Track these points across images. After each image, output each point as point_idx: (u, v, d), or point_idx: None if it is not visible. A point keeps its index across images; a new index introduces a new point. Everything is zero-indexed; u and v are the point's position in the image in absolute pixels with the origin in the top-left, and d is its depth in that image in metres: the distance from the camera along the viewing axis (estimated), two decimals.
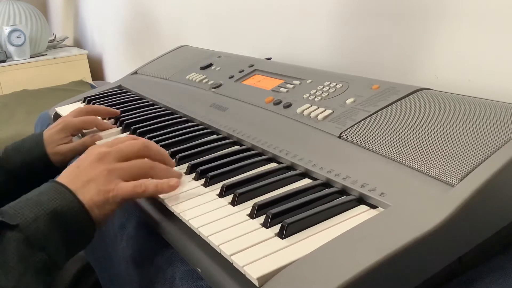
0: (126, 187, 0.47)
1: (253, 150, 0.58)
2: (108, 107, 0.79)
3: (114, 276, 0.60)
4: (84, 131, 0.75)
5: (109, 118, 0.79)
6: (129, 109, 0.83)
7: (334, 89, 0.62)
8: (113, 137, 0.71)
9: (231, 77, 0.79)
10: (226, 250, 0.38)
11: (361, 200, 0.44)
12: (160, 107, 0.82)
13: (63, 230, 0.43)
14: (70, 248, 0.44)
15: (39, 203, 0.43)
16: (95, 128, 0.75)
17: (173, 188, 0.49)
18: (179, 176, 0.52)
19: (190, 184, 0.51)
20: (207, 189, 0.50)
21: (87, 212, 0.44)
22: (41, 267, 0.40)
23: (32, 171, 0.69)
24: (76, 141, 0.72)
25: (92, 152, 0.49)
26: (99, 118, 0.75)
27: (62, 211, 0.43)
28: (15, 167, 0.68)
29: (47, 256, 0.41)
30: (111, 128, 0.75)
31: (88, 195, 0.45)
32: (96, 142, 0.70)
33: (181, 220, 0.46)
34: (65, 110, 0.90)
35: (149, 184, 0.48)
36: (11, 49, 2.27)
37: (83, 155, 0.50)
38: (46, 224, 0.41)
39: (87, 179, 0.46)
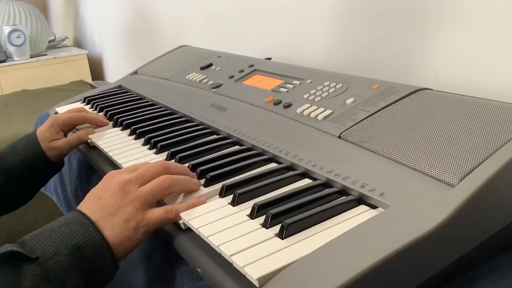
0: (157, 214, 0.45)
1: (253, 150, 0.58)
2: (99, 115, 0.79)
3: (114, 276, 0.60)
4: (78, 128, 0.76)
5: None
6: (129, 109, 0.83)
7: (334, 89, 0.62)
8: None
9: (231, 77, 0.79)
10: (226, 250, 0.38)
11: (361, 200, 0.43)
12: (160, 107, 0.82)
13: (83, 267, 0.40)
14: (89, 285, 0.41)
15: (61, 235, 0.40)
16: (87, 124, 0.77)
17: (202, 203, 0.47)
18: (198, 184, 0.50)
19: None
20: (207, 189, 0.50)
21: (110, 249, 0.42)
22: None
23: (31, 168, 0.69)
24: (71, 135, 0.73)
25: (111, 182, 0.46)
26: (86, 115, 0.76)
27: (84, 247, 0.41)
28: (13, 166, 0.68)
29: None
30: (102, 123, 0.76)
31: (117, 229, 0.43)
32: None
33: (182, 221, 0.46)
34: (65, 110, 0.90)
35: (178, 208, 0.46)
36: (11, 49, 2.27)
37: (101, 184, 0.47)
38: (67, 259, 0.39)
39: (112, 212, 0.44)
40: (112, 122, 0.78)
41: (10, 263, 0.37)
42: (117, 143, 0.68)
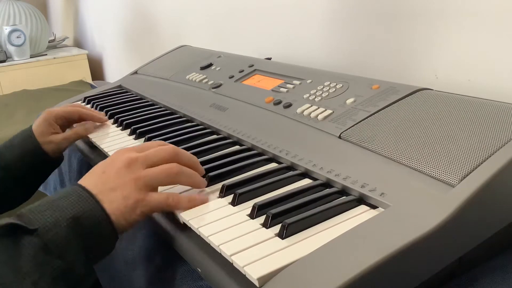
0: (158, 198, 0.45)
1: (253, 150, 0.58)
2: (95, 111, 0.78)
3: (114, 276, 0.60)
4: (74, 125, 0.76)
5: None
6: (129, 109, 0.83)
7: (334, 89, 0.62)
8: (108, 134, 0.72)
9: (231, 77, 0.79)
10: (226, 250, 0.38)
11: (361, 200, 0.43)
12: (160, 107, 0.82)
13: (83, 238, 0.40)
14: (89, 256, 0.41)
15: (60, 207, 0.41)
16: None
17: (204, 202, 0.47)
18: (204, 183, 0.49)
19: None
20: (207, 189, 0.50)
21: (109, 220, 0.42)
22: (58, 275, 0.38)
23: (28, 164, 0.69)
24: (69, 130, 0.73)
25: (119, 158, 0.46)
26: (81, 109, 0.75)
27: (83, 217, 0.41)
28: (10, 163, 0.68)
29: (64, 264, 0.39)
30: (99, 119, 0.76)
31: (114, 204, 0.43)
32: (92, 139, 0.70)
33: (181, 221, 0.46)
34: None
35: (182, 197, 0.46)
36: (11, 49, 2.27)
37: (109, 159, 0.47)
38: (66, 230, 0.39)
39: (114, 187, 0.44)
40: (112, 122, 0.78)
41: (10, 235, 0.38)
42: (117, 143, 0.68)
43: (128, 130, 0.72)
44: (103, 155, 0.68)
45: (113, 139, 0.70)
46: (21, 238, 0.38)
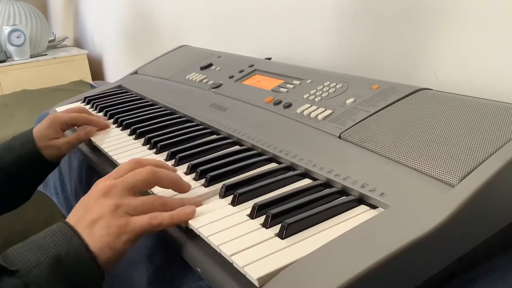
0: (139, 221, 0.42)
1: (253, 150, 0.58)
2: (100, 117, 0.77)
3: (114, 276, 0.60)
4: (76, 127, 0.76)
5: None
6: (129, 109, 0.83)
7: (334, 89, 0.62)
8: (108, 134, 0.72)
9: (231, 77, 0.79)
10: (226, 250, 0.38)
11: (361, 200, 0.44)
12: (160, 107, 0.82)
13: (66, 278, 0.39)
14: None
15: (43, 247, 0.39)
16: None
17: (189, 217, 0.44)
18: (196, 203, 0.47)
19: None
20: (207, 189, 0.50)
21: (93, 258, 0.40)
22: None
23: (25, 167, 0.68)
24: (71, 135, 0.72)
25: (96, 188, 0.45)
26: (87, 116, 0.74)
27: (66, 257, 0.39)
28: (8, 165, 0.67)
29: None
30: (104, 126, 0.75)
31: (97, 236, 0.41)
32: (93, 140, 0.70)
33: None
34: (65, 109, 0.90)
35: (164, 215, 0.43)
36: (11, 49, 2.27)
37: (89, 191, 0.46)
38: (48, 270, 0.38)
39: (94, 218, 0.42)
40: (112, 122, 0.78)
41: None
42: (117, 143, 0.68)
43: (128, 130, 0.72)
44: (103, 155, 0.68)
45: (113, 139, 0.70)
46: (2, 279, 0.37)
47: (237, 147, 0.60)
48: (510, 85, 0.64)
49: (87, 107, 0.91)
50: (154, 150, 0.63)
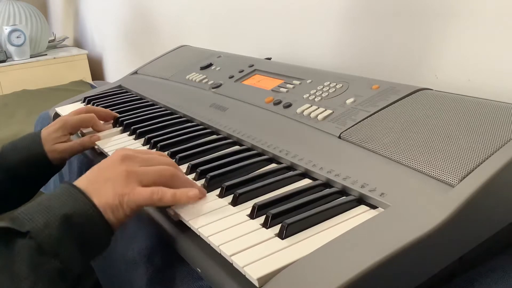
0: (142, 192, 0.44)
1: (253, 150, 0.58)
2: (107, 110, 0.78)
3: (114, 276, 0.60)
4: (83, 131, 0.75)
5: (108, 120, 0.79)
6: (129, 109, 0.83)
7: (334, 89, 0.62)
8: (112, 137, 0.72)
9: (231, 77, 0.79)
10: (226, 250, 0.38)
11: (361, 200, 0.44)
12: (160, 107, 0.82)
13: (76, 235, 0.40)
14: (85, 253, 0.41)
15: (50, 207, 0.40)
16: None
17: (191, 199, 0.46)
18: (202, 191, 0.48)
19: None
20: (207, 189, 0.50)
21: (101, 215, 0.42)
22: (56, 275, 0.38)
23: (30, 168, 0.68)
24: (75, 140, 0.71)
25: (117, 153, 0.47)
26: (96, 118, 0.74)
27: (74, 215, 0.40)
28: (13, 165, 0.67)
29: (60, 263, 0.38)
30: (108, 129, 0.75)
31: (104, 197, 0.42)
32: (96, 143, 0.70)
33: (181, 221, 0.46)
34: (65, 110, 0.90)
35: (166, 191, 0.45)
36: (11, 49, 2.27)
37: (108, 157, 0.48)
38: (58, 229, 0.39)
39: (105, 178, 0.44)
40: (112, 122, 0.78)
41: (3, 239, 0.38)
42: (117, 143, 0.68)
43: (128, 130, 0.72)
44: (103, 155, 0.68)
45: (114, 139, 0.70)
46: (14, 241, 0.38)
47: (237, 147, 0.60)
48: (510, 85, 0.64)
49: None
50: (154, 150, 0.63)
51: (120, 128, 0.75)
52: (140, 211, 0.46)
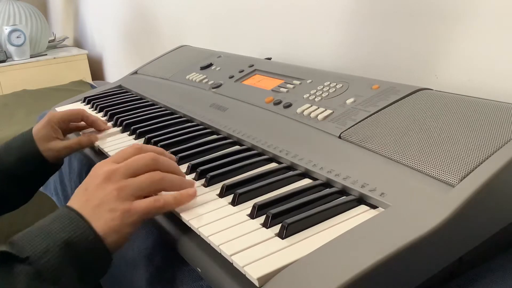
0: (143, 203, 0.43)
1: (253, 150, 0.58)
2: (99, 118, 0.76)
3: (114, 276, 0.60)
4: (81, 132, 0.75)
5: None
6: (129, 109, 0.83)
7: (334, 89, 0.62)
8: (112, 137, 0.72)
9: (231, 77, 0.79)
10: (226, 250, 0.38)
11: (361, 200, 0.44)
12: (160, 107, 0.82)
13: (76, 262, 0.39)
14: (85, 280, 0.40)
15: (51, 232, 0.39)
16: (92, 129, 0.75)
17: (192, 197, 0.46)
18: (191, 184, 0.49)
19: None
20: (207, 189, 0.50)
21: (101, 241, 0.41)
22: None
23: (25, 168, 0.67)
24: (72, 139, 0.70)
25: (97, 173, 0.45)
26: (86, 111, 0.73)
27: (74, 241, 0.39)
28: (8, 166, 0.66)
29: None
30: (103, 127, 0.74)
31: (102, 220, 0.41)
32: (96, 142, 0.70)
33: (181, 221, 0.46)
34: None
35: (167, 196, 0.45)
36: (11, 49, 2.27)
37: (89, 175, 0.46)
38: (58, 255, 0.38)
39: (98, 203, 0.42)
40: (112, 122, 0.78)
41: (2, 264, 0.37)
42: (117, 143, 0.68)
43: (128, 130, 0.72)
44: (103, 155, 0.68)
45: (114, 139, 0.70)
46: (14, 267, 0.37)
47: (237, 147, 0.60)
48: (510, 85, 0.64)
49: (87, 107, 0.91)
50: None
51: (120, 128, 0.75)
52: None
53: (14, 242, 0.39)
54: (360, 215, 0.41)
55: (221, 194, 0.48)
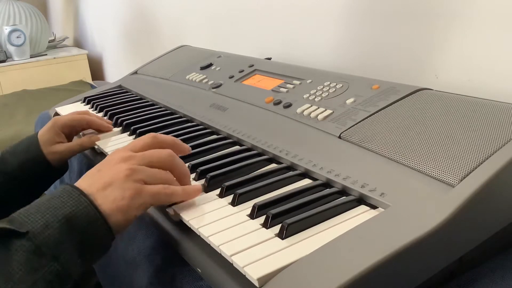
0: (154, 187, 0.44)
1: (253, 150, 0.58)
2: (103, 119, 0.76)
3: (114, 276, 0.60)
4: (81, 133, 0.75)
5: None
6: (129, 109, 0.83)
7: (334, 89, 0.62)
8: (112, 137, 0.72)
9: (231, 77, 0.79)
10: (226, 250, 0.38)
11: (361, 200, 0.44)
12: (160, 107, 0.82)
13: (77, 238, 0.39)
14: (85, 257, 0.40)
15: (51, 208, 0.39)
16: (93, 130, 0.75)
17: (199, 192, 0.48)
18: (197, 191, 0.49)
19: None
20: (207, 189, 0.50)
21: (104, 218, 0.40)
22: (53, 279, 0.36)
23: (30, 171, 0.67)
24: (74, 141, 0.71)
25: (113, 157, 0.45)
26: (89, 113, 0.74)
27: (75, 217, 0.39)
28: (13, 169, 0.66)
29: (59, 267, 0.37)
30: (107, 129, 0.74)
31: (110, 198, 0.41)
32: (96, 143, 0.70)
33: (181, 221, 0.46)
34: (65, 110, 0.90)
35: (176, 187, 0.45)
36: (11, 49, 2.27)
37: (104, 159, 0.46)
38: (58, 231, 0.37)
39: (109, 181, 0.42)
40: (112, 122, 0.78)
41: (1, 240, 0.36)
42: (117, 143, 0.68)
43: (128, 130, 0.72)
44: (103, 155, 0.68)
45: (114, 139, 0.70)
46: (12, 242, 0.36)
47: (237, 147, 0.60)
48: (510, 85, 0.64)
49: (87, 107, 0.92)
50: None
51: (120, 128, 0.75)
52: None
53: (14, 217, 0.38)
54: (360, 215, 0.41)
55: (221, 195, 0.48)
